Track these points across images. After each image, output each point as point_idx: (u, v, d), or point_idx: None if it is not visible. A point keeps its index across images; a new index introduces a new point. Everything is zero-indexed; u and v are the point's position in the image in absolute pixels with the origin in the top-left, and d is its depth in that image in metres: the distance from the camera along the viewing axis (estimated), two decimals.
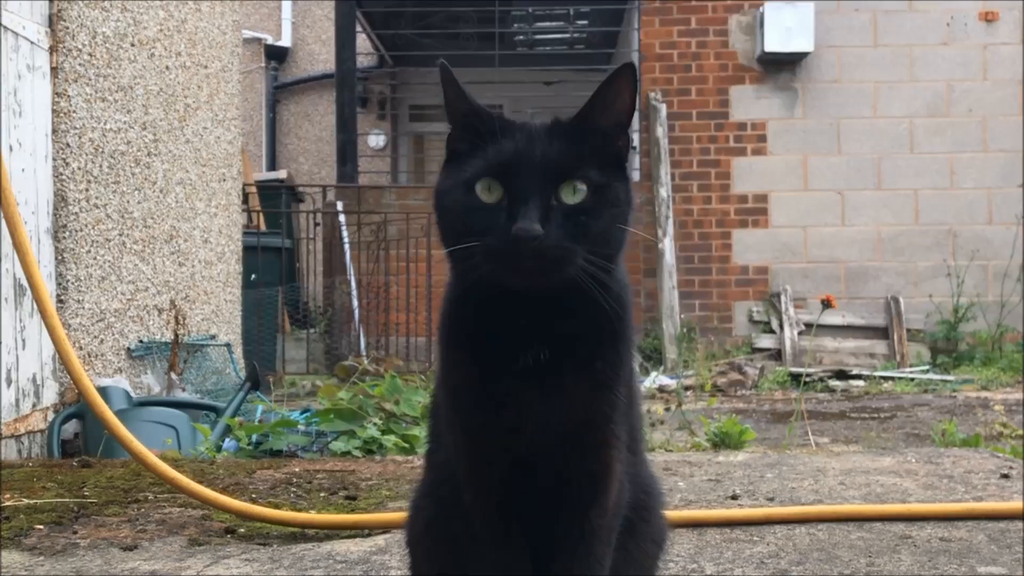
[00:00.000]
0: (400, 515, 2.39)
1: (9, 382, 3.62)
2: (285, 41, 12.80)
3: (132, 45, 4.51)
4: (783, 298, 8.80)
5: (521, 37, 11.46)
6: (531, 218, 1.11)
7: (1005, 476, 2.83)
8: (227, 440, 3.93)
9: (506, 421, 1.21)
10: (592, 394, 1.21)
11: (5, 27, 3.64)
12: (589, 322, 1.20)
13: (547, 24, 11.32)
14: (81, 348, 4.13)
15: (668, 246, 8.76)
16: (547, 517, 1.25)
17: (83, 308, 4.16)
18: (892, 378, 7.65)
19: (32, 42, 3.86)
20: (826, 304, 3.86)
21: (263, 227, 9.34)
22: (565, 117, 1.21)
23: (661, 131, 8.95)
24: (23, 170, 3.75)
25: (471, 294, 1.21)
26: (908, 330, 8.72)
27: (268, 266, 8.45)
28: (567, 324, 1.19)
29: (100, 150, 4.28)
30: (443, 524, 1.32)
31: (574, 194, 1.15)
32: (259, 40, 12.54)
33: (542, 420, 1.20)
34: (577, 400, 1.20)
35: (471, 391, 1.23)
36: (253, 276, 7.72)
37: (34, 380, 3.82)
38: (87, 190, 4.19)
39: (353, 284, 8.60)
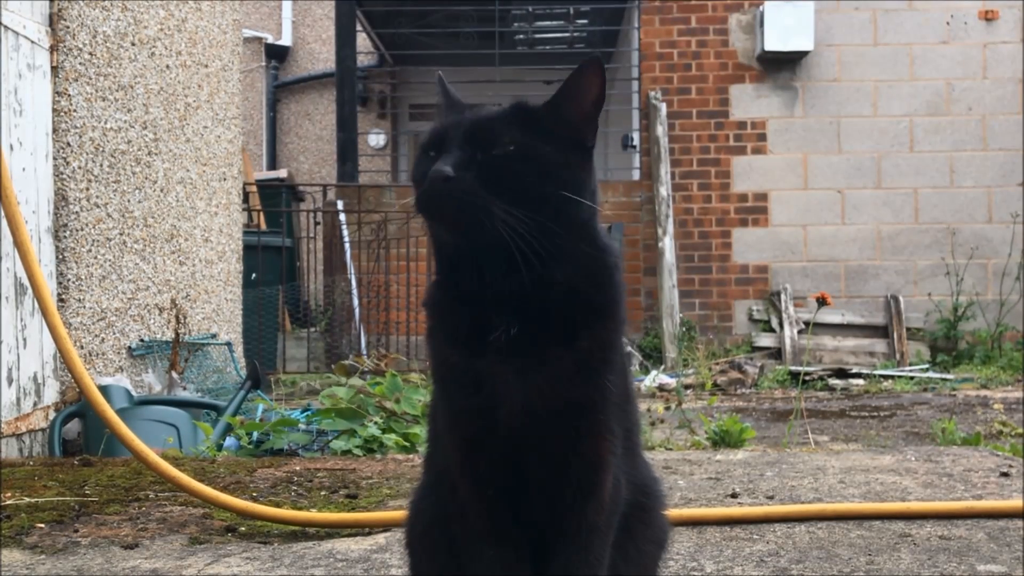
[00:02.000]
0: (401, 514, 2.39)
1: (10, 381, 3.63)
2: (285, 40, 12.80)
3: (132, 44, 4.51)
4: (783, 297, 8.81)
5: (521, 36, 11.46)
6: (445, 162, 1.17)
7: (1005, 474, 2.83)
8: (228, 439, 3.93)
9: (486, 399, 1.20)
10: (577, 374, 1.20)
11: (5, 26, 3.65)
12: (563, 293, 1.20)
13: (547, 23, 11.32)
14: (82, 347, 4.14)
15: (668, 245, 8.76)
16: (543, 514, 1.24)
17: (84, 307, 4.16)
18: (892, 376, 7.66)
19: (33, 41, 3.86)
20: (821, 302, 3.86)
21: (264, 226, 9.35)
22: (529, 103, 1.27)
23: (661, 130, 8.95)
24: (24, 169, 3.76)
25: (439, 261, 1.26)
26: (908, 328, 8.72)
27: (269, 265, 8.46)
28: (536, 294, 1.19)
29: (101, 149, 4.28)
30: (441, 524, 1.31)
31: (496, 150, 1.20)
32: (259, 39, 12.54)
33: (525, 401, 1.19)
34: (560, 379, 1.19)
35: (452, 369, 1.24)
36: (254, 275, 7.72)
37: (35, 379, 3.83)
38: (88, 189, 4.19)
39: (353, 283, 8.60)
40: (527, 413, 1.19)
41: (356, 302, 8.50)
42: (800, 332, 8.56)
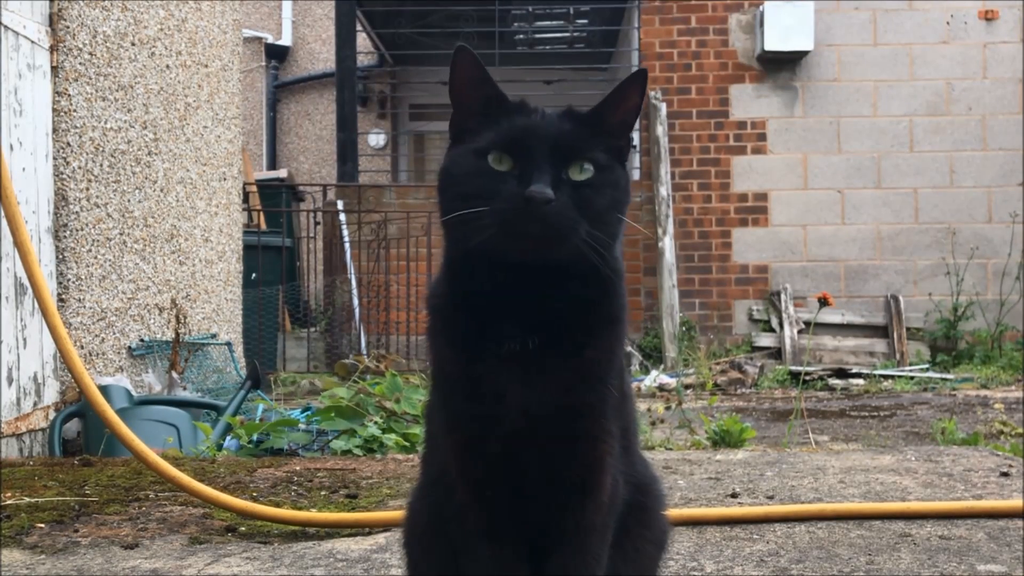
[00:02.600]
0: (401, 513, 2.39)
1: (10, 381, 3.63)
2: (285, 40, 12.80)
3: (132, 44, 4.51)
4: (783, 297, 8.81)
5: (521, 36, 11.46)
6: (545, 183, 1.14)
7: (1005, 474, 2.83)
8: (228, 439, 3.93)
9: (490, 405, 1.20)
10: (582, 382, 1.21)
11: (6, 26, 3.65)
12: (582, 306, 1.21)
13: (547, 23, 11.32)
14: (82, 347, 4.14)
15: (668, 245, 8.76)
16: (540, 513, 1.24)
17: (84, 307, 4.16)
18: (892, 376, 7.66)
19: (33, 41, 3.86)
20: (823, 302, 3.86)
21: (264, 226, 9.34)
22: (578, 108, 1.26)
23: (661, 130, 8.95)
24: (24, 169, 3.76)
25: (461, 269, 1.22)
26: (908, 328, 8.72)
27: (269, 265, 8.46)
28: (560, 307, 1.20)
29: (101, 149, 4.28)
30: (439, 524, 1.31)
31: (581, 172, 1.19)
32: (259, 39, 12.54)
33: (528, 406, 1.19)
34: (565, 387, 1.20)
35: (456, 374, 1.23)
36: (254, 275, 7.72)
37: (35, 379, 3.83)
38: (88, 189, 4.19)
39: (353, 283, 8.61)
40: (530, 417, 1.20)
41: (356, 302, 8.50)
42: (800, 332, 8.56)
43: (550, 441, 1.21)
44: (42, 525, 2.39)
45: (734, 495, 2.65)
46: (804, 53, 8.91)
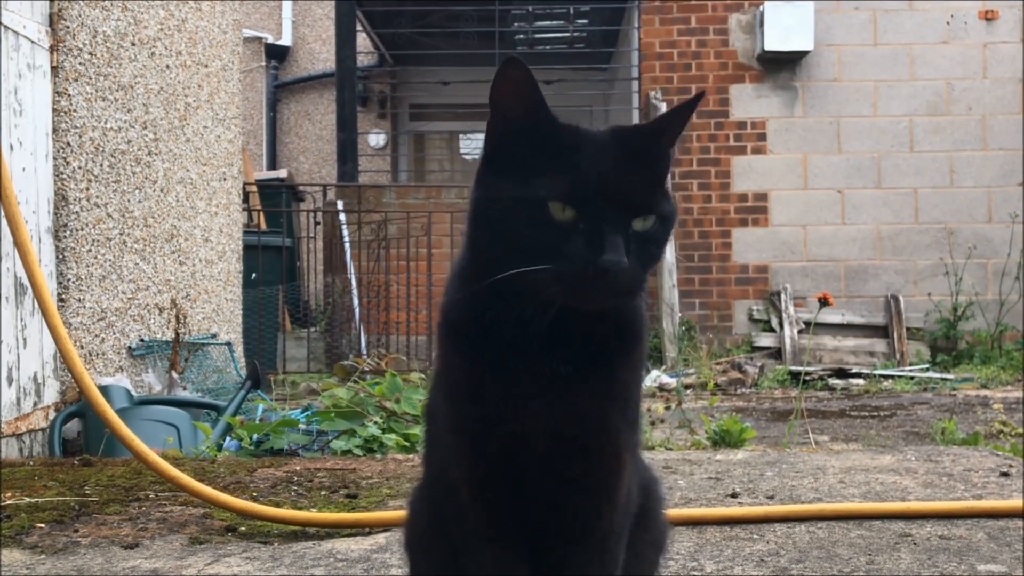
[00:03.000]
0: (401, 513, 2.39)
1: (10, 381, 3.63)
2: (285, 40, 12.80)
3: (132, 44, 4.51)
4: (783, 296, 8.81)
5: (521, 36, 11.46)
6: (619, 249, 1.08)
7: (1005, 474, 2.83)
8: (228, 439, 3.93)
9: (507, 418, 1.18)
10: (610, 400, 1.20)
11: (6, 26, 3.65)
12: (615, 332, 1.19)
13: (547, 23, 11.32)
14: (82, 347, 4.14)
15: (668, 244, 8.75)
16: (550, 516, 1.24)
17: (84, 307, 4.16)
18: (892, 376, 7.66)
19: (33, 41, 3.86)
20: (823, 302, 3.86)
21: (264, 226, 9.35)
22: (630, 129, 1.17)
23: None
24: (24, 169, 3.76)
25: (494, 292, 1.13)
26: (908, 328, 8.72)
27: (269, 265, 8.46)
28: (595, 335, 1.17)
29: (101, 149, 4.28)
30: (440, 525, 1.30)
31: (644, 222, 1.14)
32: (259, 39, 12.54)
33: (551, 427, 1.18)
34: (593, 404, 1.18)
35: (471, 385, 1.20)
36: (254, 275, 7.72)
37: (35, 379, 3.83)
38: (88, 189, 4.19)
39: (353, 283, 8.60)
40: (553, 433, 1.18)
41: (356, 302, 8.50)
42: (800, 332, 8.56)
43: (571, 451, 1.20)
44: (42, 525, 2.39)
45: (734, 495, 2.65)
46: (804, 53, 8.91)
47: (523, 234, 1.09)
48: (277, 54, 12.72)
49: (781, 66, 9.05)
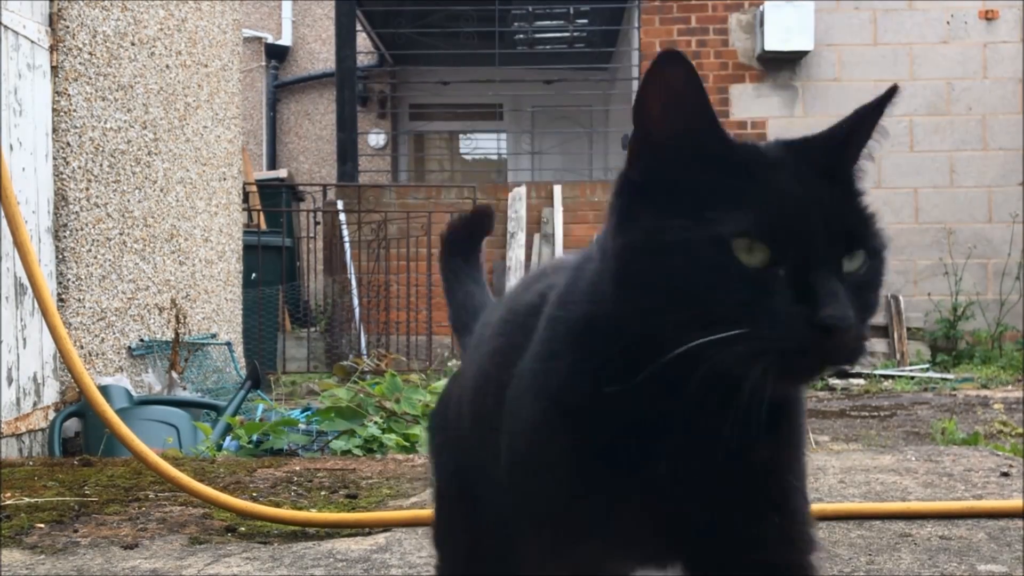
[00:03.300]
0: (400, 513, 2.39)
1: (10, 381, 3.62)
2: (285, 40, 12.79)
3: (132, 44, 4.51)
4: None
5: (521, 36, 11.46)
6: (841, 301, 0.80)
7: (1005, 474, 2.83)
8: (228, 439, 3.93)
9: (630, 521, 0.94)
10: (776, 457, 0.95)
11: (5, 26, 3.65)
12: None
13: (547, 23, 11.31)
14: (82, 347, 4.14)
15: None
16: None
17: (84, 307, 4.16)
18: (892, 376, 7.65)
19: (32, 41, 3.86)
20: None
21: (263, 226, 9.34)
22: (814, 141, 0.93)
23: None
24: (24, 169, 3.76)
25: (659, 383, 0.85)
26: (908, 328, 8.72)
27: (268, 265, 8.45)
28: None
29: (100, 149, 4.28)
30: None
31: (852, 260, 0.86)
32: (259, 39, 12.54)
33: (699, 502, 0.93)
34: (751, 471, 0.93)
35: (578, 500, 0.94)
36: (253, 275, 7.72)
37: (35, 379, 3.82)
38: (87, 189, 4.19)
39: (353, 283, 8.60)
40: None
41: (356, 302, 8.50)
42: None
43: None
44: (42, 525, 2.39)
45: None
46: (804, 53, 8.91)
47: (709, 292, 0.81)
48: (277, 54, 12.71)
49: (781, 66, 9.04)
